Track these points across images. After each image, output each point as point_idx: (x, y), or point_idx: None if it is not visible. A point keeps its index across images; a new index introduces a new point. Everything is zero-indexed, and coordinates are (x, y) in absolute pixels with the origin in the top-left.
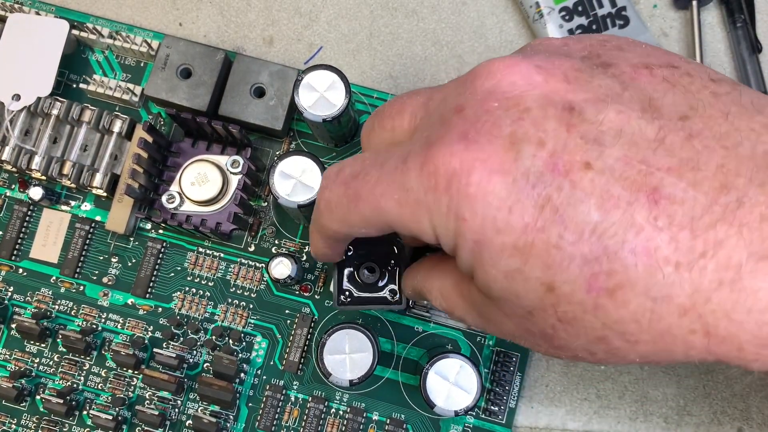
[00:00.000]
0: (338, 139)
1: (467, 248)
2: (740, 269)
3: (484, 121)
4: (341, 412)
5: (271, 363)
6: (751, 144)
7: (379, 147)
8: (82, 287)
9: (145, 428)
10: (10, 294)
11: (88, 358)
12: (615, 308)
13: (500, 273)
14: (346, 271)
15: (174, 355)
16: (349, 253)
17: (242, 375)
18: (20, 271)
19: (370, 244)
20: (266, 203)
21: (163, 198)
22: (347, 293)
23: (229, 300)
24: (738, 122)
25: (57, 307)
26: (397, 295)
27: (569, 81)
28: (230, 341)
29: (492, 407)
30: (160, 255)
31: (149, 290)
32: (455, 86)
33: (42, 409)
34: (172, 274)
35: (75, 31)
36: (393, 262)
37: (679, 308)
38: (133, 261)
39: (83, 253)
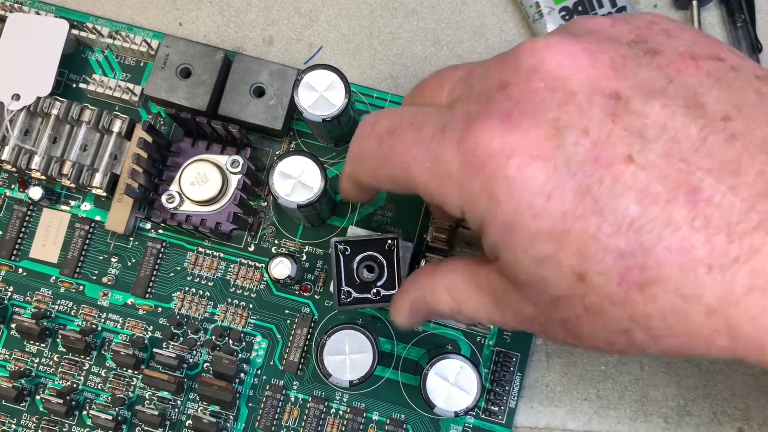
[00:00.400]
0: (338, 139)
1: (497, 229)
2: None
3: (529, 101)
4: (341, 413)
5: (271, 363)
6: None
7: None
8: (81, 287)
9: (145, 428)
10: (9, 294)
11: (87, 358)
12: (644, 302)
13: (531, 258)
14: (345, 274)
15: (174, 355)
16: (347, 253)
17: (242, 375)
18: (20, 271)
19: (367, 243)
20: (266, 203)
21: (163, 198)
22: (347, 293)
23: (229, 300)
24: None
25: (57, 307)
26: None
27: (616, 68)
28: (230, 341)
29: (492, 407)
30: (160, 255)
31: (149, 290)
32: (497, 61)
33: (42, 409)
34: (172, 274)
35: (75, 31)
36: (391, 259)
37: (707, 308)
38: (133, 261)
39: (83, 253)
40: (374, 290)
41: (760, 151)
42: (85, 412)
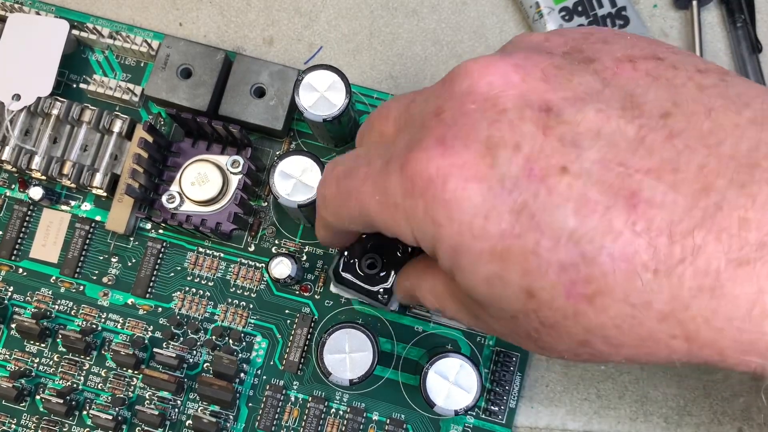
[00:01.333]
0: (338, 139)
1: (445, 253)
2: (719, 276)
3: (461, 125)
4: (341, 412)
5: (271, 363)
6: (734, 141)
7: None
8: (82, 287)
9: (145, 428)
10: (10, 294)
11: (88, 358)
12: (595, 314)
13: (480, 278)
14: (351, 253)
15: (174, 355)
16: (363, 236)
17: (242, 375)
18: (20, 270)
19: (382, 239)
20: (266, 203)
21: (163, 198)
22: (345, 268)
23: (229, 300)
24: (722, 118)
25: (57, 307)
26: (386, 297)
27: (548, 79)
28: (230, 341)
29: (492, 407)
30: (160, 255)
31: (149, 290)
32: (436, 88)
33: (42, 409)
34: (172, 274)
35: (75, 31)
36: (396, 263)
37: (659, 314)
38: (133, 261)
39: (83, 253)
40: (369, 283)
41: (701, 144)
42: (85, 412)
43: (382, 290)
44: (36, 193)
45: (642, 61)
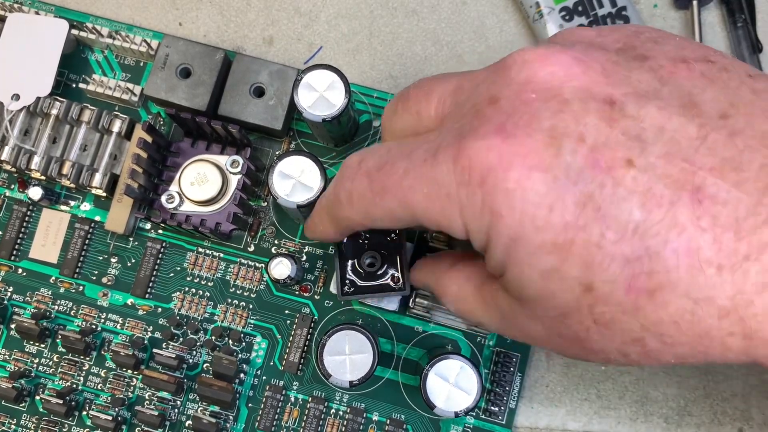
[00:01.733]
0: (338, 139)
1: (501, 245)
2: None
3: (522, 113)
4: (341, 413)
5: (271, 363)
6: None
7: (404, 134)
8: (81, 287)
9: (145, 428)
10: (9, 294)
11: (87, 359)
12: (654, 309)
13: (536, 272)
14: (348, 263)
15: (173, 356)
16: (345, 241)
17: (242, 375)
18: (20, 271)
19: (367, 233)
20: (266, 203)
21: (163, 198)
22: (349, 283)
23: (229, 300)
24: None
25: (56, 307)
26: (400, 281)
27: (608, 74)
28: (230, 341)
29: (492, 408)
30: (160, 255)
31: (149, 290)
32: (488, 74)
33: (41, 410)
34: (172, 275)
35: (74, 31)
36: (392, 248)
37: (720, 310)
38: (133, 261)
39: (83, 253)
40: (377, 279)
41: (761, 145)
42: (84, 413)
43: (391, 279)
44: (35, 193)
45: (695, 63)
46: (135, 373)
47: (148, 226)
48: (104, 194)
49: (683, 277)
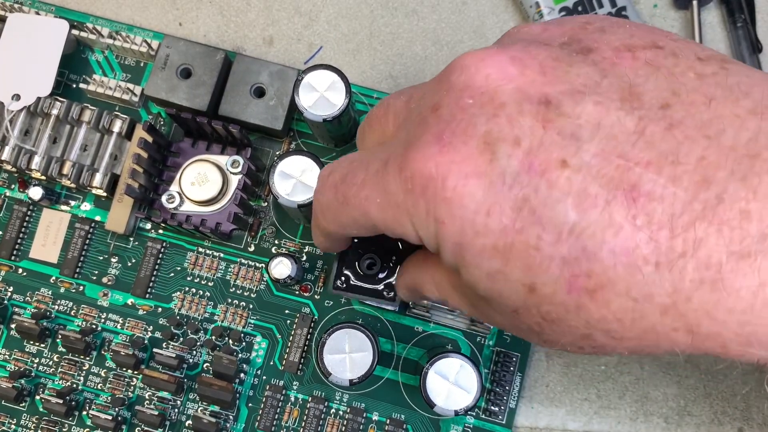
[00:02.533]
0: (338, 139)
1: (449, 250)
2: (720, 268)
3: (459, 120)
4: (341, 413)
5: (271, 363)
6: (734, 132)
7: (369, 147)
8: (81, 287)
9: (145, 428)
10: (9, 294)
11: (87, 359)
12: (597, 308)
13: (483, 274)
14: (347, 258)
15: (174, 355)
16: (354, 241)
17: (242, 375)
18: (20, 271)
19: (376, 238)
20: (266, 203)
21: (163, 198)
22: (344, 279)
23: (229, 300)
24: (722, 108)
25: (57, 307)
26: (392, 293)
27: (546, 72)
28: (230, 341)
29: (492, 407)
30: (160, 255)
31: (149, 290)
32: (433, 83)
33: (42, 410)
34: (172, 274)
35: (75, 31)
36: (395, 258)
37: (661, 307)
38: (133, 261)
39: (83, 253)
40: (372, 282)
41: (701, 135)
42: (84, 413)
43: (385, 286)
44: (36, 193)
45: (641, 50)
46: (135, 372)
47: (148, 226)
48: (104, 194)
49: (621, 276)
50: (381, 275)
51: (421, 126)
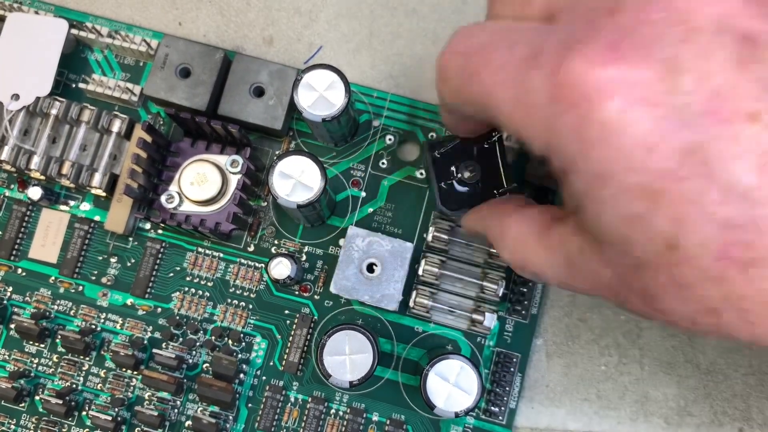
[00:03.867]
0: (338, 138)
1: (584, 178)
2: None
3: (641, 33)
4: (341, 413)
5: (271, 364)
6: None
7: (512, 16)
8: (81, 287)
9: (145, 429)
10: (9, 294)
11: (87, 359)
12: (743, 283)
13: (619, 216)
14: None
15: (173, 356)
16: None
17: (242, 375)
18: (19, 271)
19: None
20: (266, 203)
21: (162, 198)
22: (449, 186)
23: (229, 300)
24: None
25: (56, 307)
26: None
27: (750, 6)
28: (230, 342)
29: (492, 408)
30: (160, 255)
31: (148, 290)
32: None
33: (41, 410)
34: (172, 275)
35: (74, 31)
36: (488, 156)
37: None
38: (132, 261)
39: (82, 253)
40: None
41: None
42: (84, 413)
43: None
44: (35, 193)
45: None
46: (135, 373)
47: (147, 226)
48: (104, 194)
49: None
50: (473, 192)
51: (592, 28)
